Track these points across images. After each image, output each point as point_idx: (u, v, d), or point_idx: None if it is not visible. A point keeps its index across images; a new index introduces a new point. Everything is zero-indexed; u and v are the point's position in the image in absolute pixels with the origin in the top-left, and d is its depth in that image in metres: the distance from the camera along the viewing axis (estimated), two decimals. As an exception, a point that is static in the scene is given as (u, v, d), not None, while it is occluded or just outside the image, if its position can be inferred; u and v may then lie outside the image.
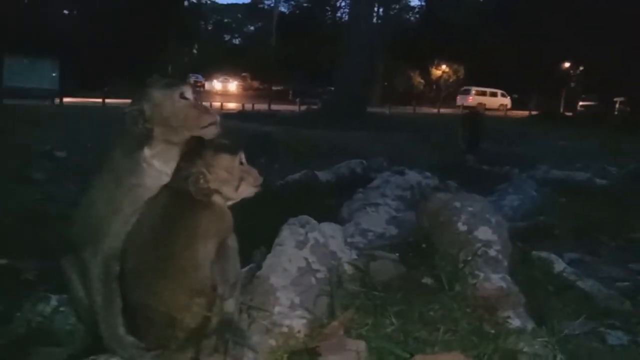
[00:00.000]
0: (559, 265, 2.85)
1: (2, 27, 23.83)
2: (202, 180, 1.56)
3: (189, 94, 1.71)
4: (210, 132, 1.71)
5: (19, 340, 2.08)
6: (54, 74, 28.32)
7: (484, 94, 37.07)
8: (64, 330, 2.10)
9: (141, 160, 1.68)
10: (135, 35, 29.93)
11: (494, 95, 37.37)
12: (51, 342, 2.04)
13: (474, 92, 36.90)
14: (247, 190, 1.67)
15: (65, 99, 21.55)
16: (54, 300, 2.23)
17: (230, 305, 1.69)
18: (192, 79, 36.05)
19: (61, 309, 2.18)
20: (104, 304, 1.65)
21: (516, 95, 40.32)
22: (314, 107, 24.49)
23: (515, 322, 2.06)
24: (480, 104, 33.33)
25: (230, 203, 1.67)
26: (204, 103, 1.83)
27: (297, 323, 1.83)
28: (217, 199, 1.63)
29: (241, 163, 1.66)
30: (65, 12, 32.64)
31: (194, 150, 1.63)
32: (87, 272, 1.67)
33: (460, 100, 35.61)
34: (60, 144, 9.04)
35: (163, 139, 1.67)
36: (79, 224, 1.75)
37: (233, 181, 1.63)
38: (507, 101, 37.49)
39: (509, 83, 36.96)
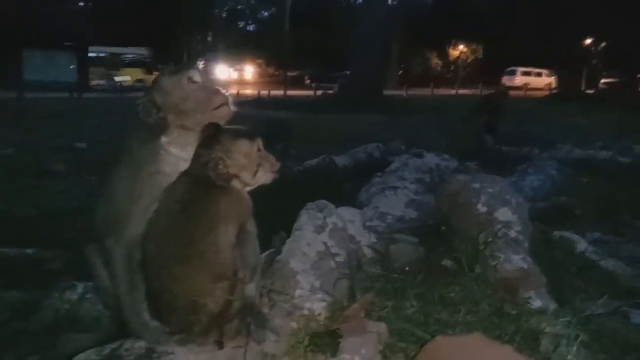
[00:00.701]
0: (581, 246, 2.81)
1: (20, 22, 24.14)
2: (221, 166, 1.58)
3: (197, 77, 1.71)
4: (223, 113, 1.72)
5: (48, 327, 2.15)
6: (72, 67, 28.65)
7: (529, 74, 37.27)
8: (91, 317, 2.17)
9: (159, 148, 1.70)
10: (150, 26, 30.06)
11: (539, 75, 37.56)
12: (79, 328, 2.10)
13: (520, 72, 37.11)
14: (265, 176, 1.68)
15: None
16: (80, 288, 2.30)
17: (251, 290, 1.72)
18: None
19: (87, 296, 2.24)
20: (128, 290, 1.68)
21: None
22: (330, 92, 24.37)
23: (537, 303, 2.05)
24: (526, 84, 33.34)
25: (248, 189, 1.68)
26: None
27: (318, 306, 1.85)
28: (236, 184, 1.64)
29: (259, 150, 1.67)
30: (81, 4, 32.89)
31: (213, 137, 1.64)
32: (111, 260, 1.71)
33: (506, 80, 35.73)
34: (80, 136, 9.18)
35: (178, 126, 1.69)
36: (101, 214, 1.78)
37: (251, 167, 1.64)
38: (552, 81, 37.47)
39: (528, 62, 36.32)
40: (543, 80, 36.90)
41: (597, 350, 1.83)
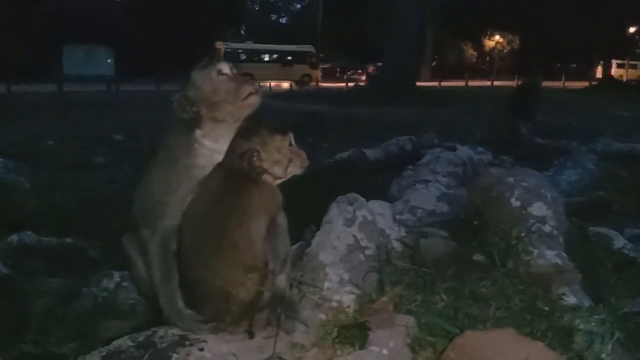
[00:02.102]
0: (619, 242, 2.73)
1: (60, 18, 24.84)
2: (255, 158, 1.60)
3: (226, 69, 1.73)
4: (252, 102, 1.74)
5: (86, 314, 2.23)
6: (109, 61, 29.38)
7: (623, 66, 36.51)
8: (127, 304, 2.23)
9: (193, 142, 1.73)
10: (186, 20, 30.45)
11: (633, 67, 36.76)
12: (115, 315, 2.17)
13: (614, 64, 36.57)
14: (295, 171, 1.71)
15: (121, 85, 22.24)
16: (117, 277, 2.37)
17: (281, 281, 1.74)
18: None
19: (124, 284, 2.31)
20: (162, 279, 1.73)
21: (575, 65, 38.54)
22: (362, 84, 24.24)
23: (571, 300, 2.01)
24: (621, 75, 32.78)
25: (279, 182, 1.71)
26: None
27: (347, 298, 1.86)
28: (267, 177, 1.67)
29: (291, 144, 1.69)
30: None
31: (251, 128, 1.67)
32: (146, 249, 1.76)
33: (600, 73, 35.17)
34: (117, 128, 9.41)
35: (210, 118, 1.72)
36: (138, 204, 1.84)
37: (283, 162, 1.66)
38: None
39: (567, 51, 35.26)
40: (637, 72, 35.65)
41: (633, 349, 1.79)
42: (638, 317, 1.98)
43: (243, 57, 30.00)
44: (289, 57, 30.96)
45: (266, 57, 30.99)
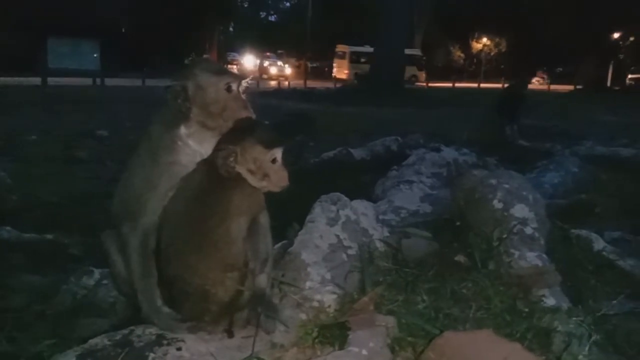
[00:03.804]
0: (599, 244, 2.76)
1: (45, 10, 24.51)
2: (231, 159, 1.58)
3: (234, 86, 1.71)
4: None
5: (65, 311, 2.19)
6: (95, 55, 29.07)
7: None
8: (107, 302, 2.20)
9: (177, 139, 1.71)
10: (173, 16, 30.24)
11: None
12: (95, 313, 2.14)
13: None
14: (269, 187, 1.66)
15: (107, 80, 22.00)
16: (97, 274, 2.33)
17: (262, 280, 1.72)
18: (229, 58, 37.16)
19: (104, 282, 2.28)
20: (141, 276, 1.71)
21: (560, 69, 38.94)
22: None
23: (550, 301, 2.02)
24: None
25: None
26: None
27: (328, 298, 1.85)
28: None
29: (274, 160, 1.64)
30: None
31: (241, 129, 1.64)
32: (126, 245, 1.73)
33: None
34: (102, 124, 9.31)
35: (198, 121, 1.69)
36: (118, 200, 1.81)
37: (257, 174, 1.62)
38: None
39: (552, 56, 35.61)
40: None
41: (610, 351, 1.81)
42: (616, 318, 2.01)
43: (363, 59, 31.68)
44: None
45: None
